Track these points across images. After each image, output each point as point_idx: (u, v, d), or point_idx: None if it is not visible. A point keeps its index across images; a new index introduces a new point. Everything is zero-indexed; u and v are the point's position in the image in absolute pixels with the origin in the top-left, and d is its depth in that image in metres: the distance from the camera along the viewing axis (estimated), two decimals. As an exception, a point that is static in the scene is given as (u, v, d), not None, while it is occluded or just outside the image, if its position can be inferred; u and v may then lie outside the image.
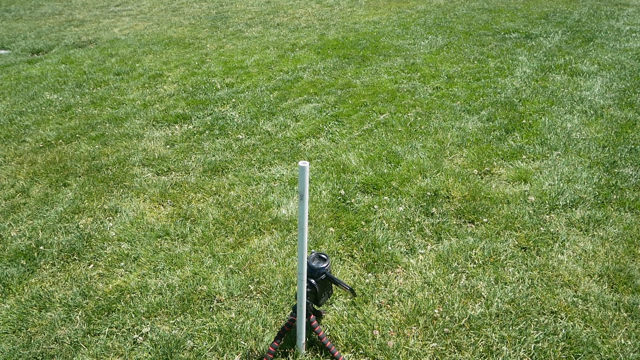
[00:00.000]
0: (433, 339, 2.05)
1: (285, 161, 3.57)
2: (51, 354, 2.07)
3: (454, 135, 3.81)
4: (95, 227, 2.90)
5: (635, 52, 5.56)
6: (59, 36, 7.92)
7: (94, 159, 3.75)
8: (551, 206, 2.88)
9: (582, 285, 2.30)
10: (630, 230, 2.66)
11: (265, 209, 2.98)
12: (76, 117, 4.59)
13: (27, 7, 10.82)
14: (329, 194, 3.11)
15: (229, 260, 2.56)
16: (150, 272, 2.52)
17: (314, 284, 1.82)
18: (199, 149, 3.83)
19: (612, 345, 1.99)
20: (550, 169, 3.27)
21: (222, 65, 5.95)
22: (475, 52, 5.94)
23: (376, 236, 2.68)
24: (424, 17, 7.97)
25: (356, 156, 3.55)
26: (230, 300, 2.30)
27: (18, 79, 5.80)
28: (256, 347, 2.05)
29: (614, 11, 7.65)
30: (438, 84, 4.94)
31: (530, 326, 2.09)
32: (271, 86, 5.14)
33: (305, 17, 8.52)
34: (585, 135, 3.71)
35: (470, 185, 3.12)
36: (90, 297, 2.36)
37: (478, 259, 2.50)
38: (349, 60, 5.89)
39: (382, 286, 2.34)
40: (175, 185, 3.31)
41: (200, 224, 2.87)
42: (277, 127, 4.15)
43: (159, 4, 10.50)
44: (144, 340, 2.11)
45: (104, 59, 6.48)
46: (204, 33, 7.72)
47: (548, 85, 4.74)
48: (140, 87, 5.31)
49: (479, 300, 2.24)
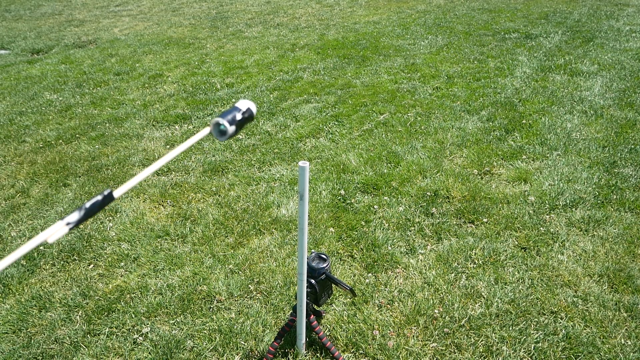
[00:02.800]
0: (433, 339, 2.05)
1: (285, 161, 3.57)
2: (51, 354, 2.07)
3: (454, 135, 3.81)
4: (95, 227, 2.90)
5: (635, 52, 5.56)
6: (59, 36, 7.92)
7: (94, 159, 3.75)
8: (551, 206, 2.88)
9: (582, 285, 2.30)
10: (630, 230, 2.66)
11: (265, 209, 2.98)
12: (76, 117, 4.59)
13: (27, 7, 10.81)
14: (329, 194, 3.11)
15: (229, 260, 2.56)
16: (150, 272, 2.52)
17: (314, 284, 1.81)
18: (199, 149, 3.83)
19: (612, 345, 1.99)
20: (550, 169, 3.27)
21: (222, 65, 5.95)
22: (475, 52, 5.94)
23: (376, 236, 2.68)
24: (424, 17, 7.97)
25: (356, 156, 3.55)
26: (230, 301, 2.30)
27: (18, 79, 5.80)
28: (256, 347, 2.05)
29: (614, 11, 7.65)
30: (438, 84, 4.94)
31: (530, 326, 2.09)
32: (271, 86, 5.14)
33: (305, 17, 8.51)
34: (585, 135, 3.71)
35: (470, 185, 3.12)
36: (90, 297, 2.36)
37: (478, 259, 2.50)
38: (349, 61, 5.89)
39: (382, 286, 2.34)
40: (175, 186, 3.31)
41: (200, 224, 2.87)
42: (277, 127, 4.14)
43: (159, 4, 10.49)
44: (144, 340, 2.11)
45: (104, 59, 6.48)
46: (204, 33, 7.71)
47: (548, 85, 4.74)
48: (140, 87, 5.31)
49: (479, 301, 2.24)
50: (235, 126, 0.82)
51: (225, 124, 0.81)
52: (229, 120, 0.81)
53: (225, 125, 0.81)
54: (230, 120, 0.81)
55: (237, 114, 0.83)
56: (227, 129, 0.81)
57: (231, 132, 0.81)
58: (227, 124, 0.81)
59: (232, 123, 0.82)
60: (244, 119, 0.83)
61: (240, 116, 0.83)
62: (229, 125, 0.81)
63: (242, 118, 0.83)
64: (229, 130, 0.81)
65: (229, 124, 0.81)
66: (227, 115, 0.82)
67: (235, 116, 0.82)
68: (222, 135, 0.82)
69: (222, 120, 0.81)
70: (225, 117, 0.81)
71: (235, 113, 0.83)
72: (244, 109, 0.85)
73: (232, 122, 0.82)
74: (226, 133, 0.81)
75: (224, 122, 0.81)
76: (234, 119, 0.82)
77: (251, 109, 0.86)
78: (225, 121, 0.81)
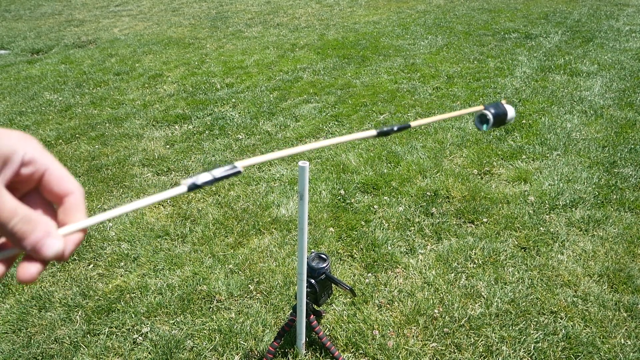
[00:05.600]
0: (433, 339, 2.05)
1: (285, 161, 3.57)
2: (51, 354, 2.07)
3: (453, 135, 3.81)
4: (95, 227, 2.89)
5: (635, 52, 5.56)
6: (59, 36, 7.92)
7: (94, 159, 3.75)
8: (551, 206, 2.88)
9: (582, 285, 2.30)
10: (630, 230, 2.66)
11: (265, 209, 2.98)
12: (76, 117, 4.59)
13: (27, 7, 10.81)
14: (328, 194, 3.11)
15: (228, 260, 2.56)
16: (150, 272, 2.52)
17: (314, 284, 1.81)
18: (199, 149, 3.83)
19: (612, 345, 1.99)
20: (550, 169, 3.27)
21: (222, 65, 5.95)
22: (475, 52, 5.94)
23: (376, 236, 2.68)
24: (423, 17, 7.97)
25: (356, 156, 3.55)
26: (230, 300, 2.30)
27: (18, 79, 5.80)
28: (256, 347, 2.05)
29: (614, 11, 7.65)
30: (438, 84, 4.94)
31: (530, 326, 2.09)
32: (271, 86, 5.14)
33: (305, 17, 8.51)
34: (585, 135, 3.71)
35: (470, 185, 3.12)
36: (90, 297, 2.36)
37: (478, 259, 2.50)
38: (348, 61, 5.89)
39: (382, 286, 2.34)
40: (175, 185, 3.30)
41: (200, 224, 2.87)
42: (277, 127, 4.15)
43: (159, 4, 10.49)
44: (143, 340, 2.11)
45: (104, 59, 6.48)
46: (204, 33, 7.71)
47: (548, 85, 4.74)
48: (140, 87, 5.31)
49: (479, 300, 2.24)
50: (493, 119, 0.85)
51: (490, 116, 0.84)
52: (493, 114, 0.85)
53: (490, 117, 0.84)
54: (494, 114, 0.85)
55: (500, 109, 0.86)
56: (490, 119, 0.84)
57: (490, 124, 0.85)
58: (491, 116, 0.84)
59: (493, 116, 0.85)
60: (499, 115, 0.87)
61: (499, 111, 0.86)
62: (492, 117, 0.85)
63: (500, 113, 0.86)
64: (490, 121, 0.85)
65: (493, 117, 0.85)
66: (493, 108, 0.85)
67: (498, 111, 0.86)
68: (485, 123, 0.85)
69: (489, 113, 0.84)
70: (492, 110, 0.84)
71: (499, 108, 0.86)
72: (506, 110, 0.88)
73: (494, 115, 0.85)
74: (489, 122, 0.85)
75: (489, 113, 0.84)
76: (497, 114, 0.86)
77: (510, 114, 0.90)
78: (490, 113, 0.84)
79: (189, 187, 0.46)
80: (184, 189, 0.46)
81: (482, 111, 0.85)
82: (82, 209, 0.44)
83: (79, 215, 0.43)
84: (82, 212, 0.43)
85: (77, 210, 0.43)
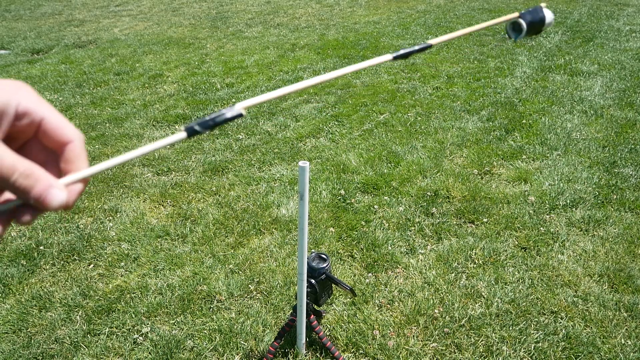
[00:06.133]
0: (433, 339, 2.05)
1: (285, 161, 3.57)
2: (51, 354, 2.07)
3: (454, 135, 3.81)
4: (95, 227, 2.90)
5: (635, 52, 5.56)
6: (59, 36, 7.92)
7: (94, 159, 3.75)
8: (551, 206, 2.88)
9: (582, 285, 2.30)
10: (630, 230, 2.66)
11: (265, 209, 2.98)
12: (76, 117, 4.59)
13: (27, 7, 10.81)
14: (329, 194, 3.11)
15: (229, 260, 2.56)
16: (150, 272, 2.52)
17: (314, 284, 1.82)
18: (199, 149, 3.83)
19: (612, 345, 1.99)
20: (550, 169, 3.27)
21: (222, 65, 5.95)
22: (475, 52, 5.94)
23: (376, 236, 2.68)
24: (424, 17, 7.97)
25: (356, 156, 3.55)
26: (230, 300, 2.30)
27: (18, 79, 5.80)
28: (256, 347, 2.05)
29: (614, 11, 7.65)
30: (438, 84, 4.94)
31: (530, 326, 2.09)
32: (271, 86, 5.14)
33: (305, 17, 8.51)
34: (585, 135, 3.71)
35: (470, 185, 3.12)
36: (90, 297, 2.36)
37: (478, 259, 2.50)
38: (349, 61, 5.89)
39: (382, 286, 2.34)
40: (175, 186, 3.31)
41: (200, 224, 2.87)
42: (277, 127, 4.15)
43: (159, 4, 10.49)
44: (144, 340, 2.11)
45: (104, 59, 6.48)
46: (204, 33, 7.71)
47: (548, 85, 4.74)
48: (140, 87, 5.31)
49: (479, 300, 2.24)
50: (527, 26, 0.80)
51: (524, 25, 0.79)
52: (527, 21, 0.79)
53: (524, 26, 0.79)
54: (529, 22, 0.79)
55: (537, 15, 0.80)
56: (523, 29, 0.79)
57: (524, 32, 0.79)
58: (525, 25, 0.79)
59: (527, 24, 0.79)
60: (534, 22, 0.80)
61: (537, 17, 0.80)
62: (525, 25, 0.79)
63: (537, 19, 0.80)
64: (524, 29, 0.79)
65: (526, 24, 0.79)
66: (530, 14, 0.79)
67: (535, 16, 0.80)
68: (518, 32, 0.80)
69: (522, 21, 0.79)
70: (527, 17, 0.79)
71: (537, 14, 0.80)
72: (544, 17, 0.81)
73: (527, 24, 0.79)
74: (522, 31, 0.79)
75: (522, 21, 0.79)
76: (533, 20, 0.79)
77: (548, 19, 0.82)
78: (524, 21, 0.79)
79: (188, 132, 0.46)
80: (183, 134, 0.46)
81: (515, 19, 0.79)
82: (83, 156, 0.43)
83: (81, 164, 0.43)
84: (84, 160, 0.43)
85: (78, 159, 0.43)
